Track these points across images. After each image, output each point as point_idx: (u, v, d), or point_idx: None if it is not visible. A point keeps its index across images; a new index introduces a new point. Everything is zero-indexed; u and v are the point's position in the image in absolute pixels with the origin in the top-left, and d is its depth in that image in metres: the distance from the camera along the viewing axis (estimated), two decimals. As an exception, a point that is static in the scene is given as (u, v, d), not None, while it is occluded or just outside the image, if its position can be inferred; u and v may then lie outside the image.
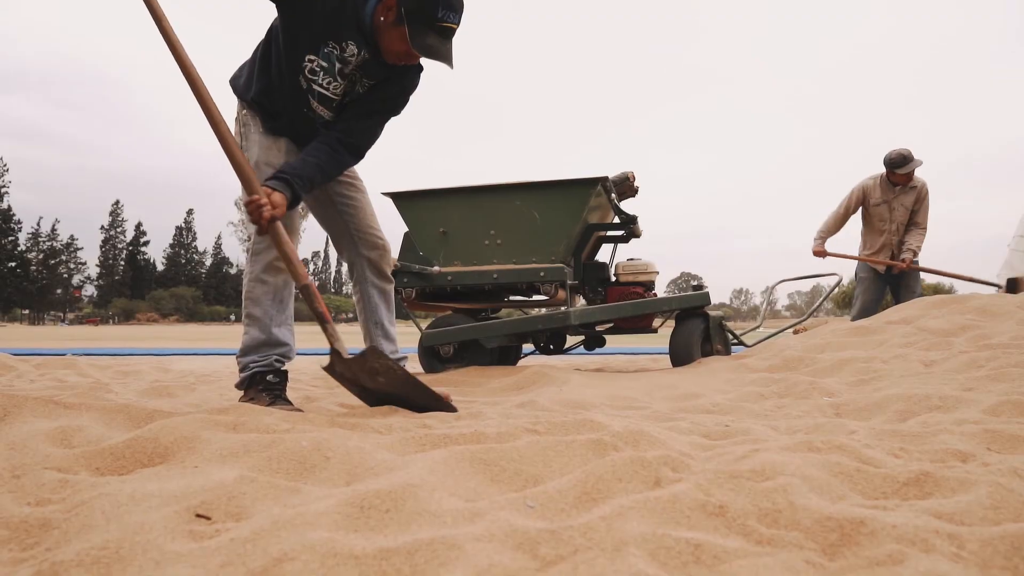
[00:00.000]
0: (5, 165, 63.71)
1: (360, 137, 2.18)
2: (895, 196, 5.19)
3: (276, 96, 2.14)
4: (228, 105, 2.15)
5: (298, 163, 2.05)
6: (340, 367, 1.92)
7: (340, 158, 2.14)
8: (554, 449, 1.27)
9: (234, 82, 2.25)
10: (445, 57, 1.96)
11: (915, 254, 5.19)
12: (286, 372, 2.17)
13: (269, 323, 2.12)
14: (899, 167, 5.06)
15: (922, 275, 5.40)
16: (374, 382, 1.92)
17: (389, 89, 2.18)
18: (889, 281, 5.37)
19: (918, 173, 5.18)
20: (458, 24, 1.99)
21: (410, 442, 1.40)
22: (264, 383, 2.09)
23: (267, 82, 2.14)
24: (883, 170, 5.21)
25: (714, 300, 3.85)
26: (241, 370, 2.14)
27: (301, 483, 1.12)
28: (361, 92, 2.16)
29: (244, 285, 2.17)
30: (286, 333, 2.16)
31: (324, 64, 2.07)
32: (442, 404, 1.93)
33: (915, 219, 5.20)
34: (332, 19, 2.01)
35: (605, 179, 3.73)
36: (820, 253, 5.47)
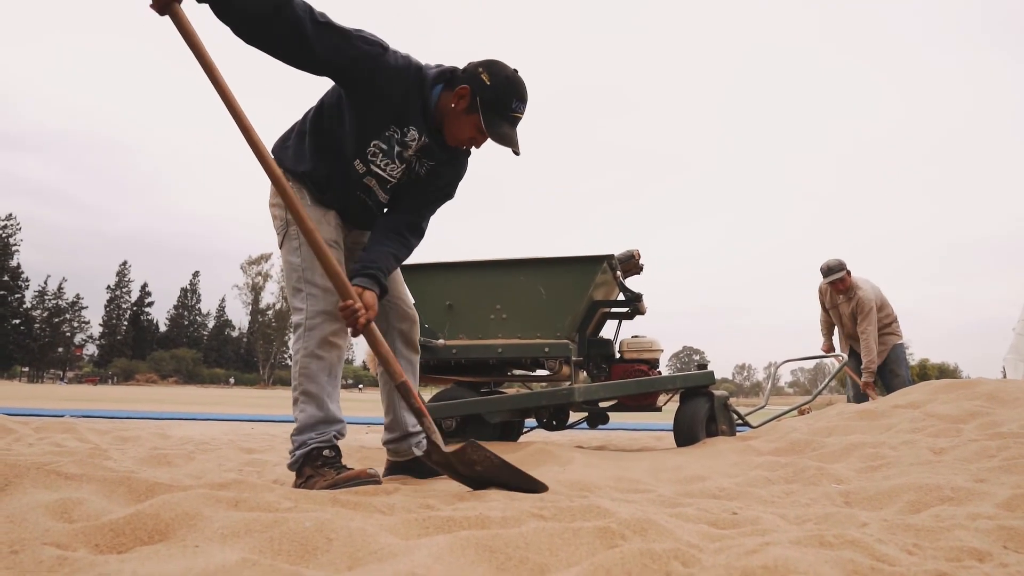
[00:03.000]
0: (18, 224, 64.78)
1: (424, 221, 2.26)
2: (837, 304, 5.40)
3: (331, 173, 2.15)
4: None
5: (375, 254, 2.10)
6: (437, 456, 1.94)
7: (407, 243, 2.21)
8: (561, 536, 1.24)
9: (279, 154, 2.22)
10: (515, 144, 2.06)
11: (871, 374, 5.34)
12: (338, 447, 2.12)
13: (326, 400, 2.08)
14: (824, 277, 5.31)
15: (919, 357, 5.51)
16: (471, 470, 1.93)
17: (445, 175, 2.24)
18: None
19: (874, 284, 5.40)
20: (524, 113, 2.09)
21: (413, 524, 1.37)
22: (321, 458, 2.03)
23: (322, 159, 2.15)
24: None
25: (716, 376, 3.83)
26: (296, 448, 2.06)
27: (303, 567, 1.10)
28: (420, 173, 2.20)
29: (296, 361, 2.10)
30: (338, 409, 2.13)
31: (384, 147, 2.11)
32: (536, 484, 1.93)
33: (857, 326, 5.34)
34: (399, 104, 2.06)
35: (611, 257, 3.78)
36: (827, 349, 5.90)
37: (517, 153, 2.07)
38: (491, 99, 2.02)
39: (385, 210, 2.29)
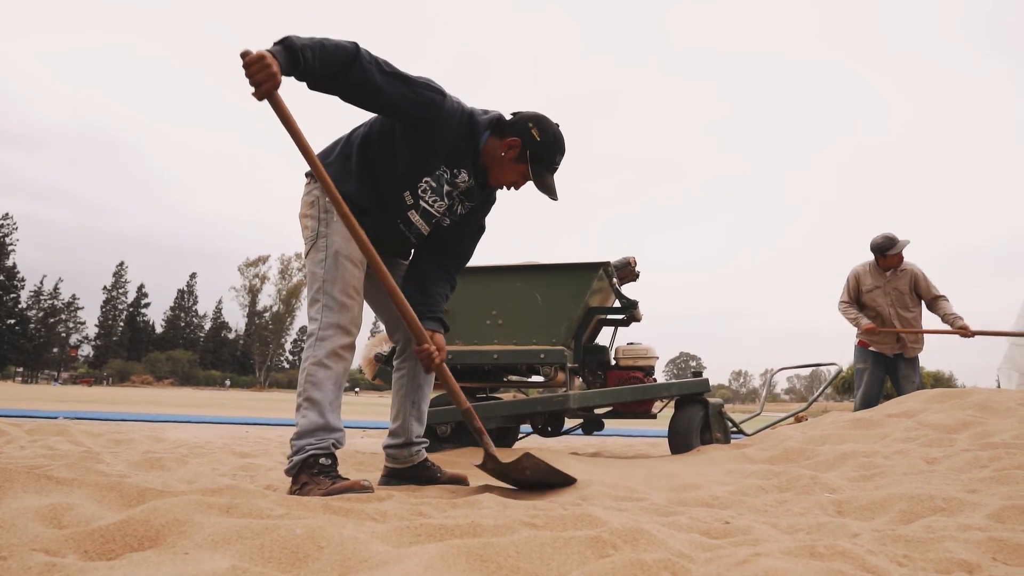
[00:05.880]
0: (14, 223, 64.63)
1: (467, 258, 2.50)
2: (887, 281, 5.24)
3: (375, 200, 2.25)
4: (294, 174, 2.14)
5: (435, 298, 2.33)
6: (492, 465, 2.26)
7: (453, 281, 2.46)
8: (552, 545, 1.24)
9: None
10: (555, 193, 2.29)
11: (960, 318, 5.10)
12: (335, 455, 2.15)
13: (327, 408, 2.13)
14: (888, 250, 5.13)
15: (921, 364, 5.38)
16: (521, 475, 2.26)
17: (484, 211, 2.47)
18: (888, 370, 5.36)
19: (907, 257, 5.25)
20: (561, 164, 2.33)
21: (405, 532, 1.37)
22: (318, 466, 2.07)
23: (367, 185, 2.25)
24: (871, 257, 5.28)
25: (712, 382, 3.83)
26: (295, 453, 2.10)
27: (294, 575, 1.10)
28: (460, 213, 2.38)
29: (304, 369, 2.16)
30: (339, 419, 2.18)
31: (434, 184, 2.26)
32: (569, 479, 2.32)
33: (933, 294, 5.20)
34: (453, 147, 2.24)
35: (607, 264, 3.78)
36: (870, 328, 5.19)
37: (555, 199, 2.30)
38: (539, 153, 2.25)
39: (424, 242, 2.41)
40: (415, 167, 2.23)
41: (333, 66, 1.98)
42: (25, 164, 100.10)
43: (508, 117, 2.33)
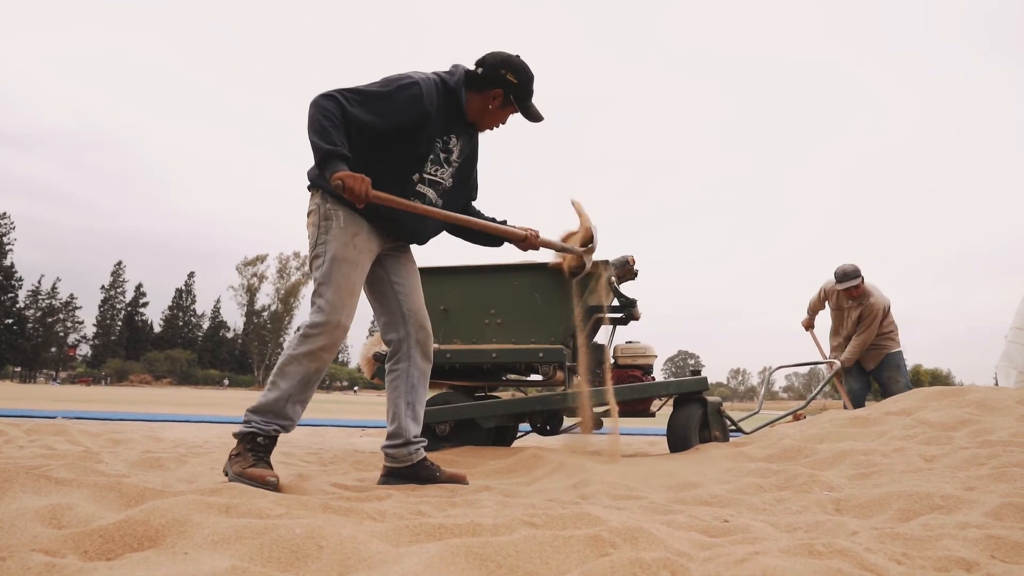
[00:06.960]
0: (12, 223, 64.47)
1: (478, 188, 2.76)
2: (846, 308, 5.38)
3: (389, 184, 2.35)
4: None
5: (489, 217, 2.69)
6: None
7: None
8: (551, 545, 1.25)
9: (319, 177, 2.34)
10: (540, 115, 2.52)
11: (841, 364, 5.41)
12: (276, 439, 2.29)
13: (287, 399, 2.27)
14: (838, 282, 5.30)
15: (913, 362, 5.46)
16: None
17: (474, 146, 2.64)
18: (871, 374, 5.47)
19: (884, 294, 5.37)
20: None
21: (404, 531, 1.38)
22: (253, 444, 2.23)
23: (378, 174, 2.32)
24: None
25: (711, 380, 3.83)
26: (244, 422, 2.29)
27: (293, 575, 1.10)
28: (457, 164, 2.54)
29: (283, 355, 2.32)
30: (297, 410, 2.31)
31: (433, 156, 2.43)
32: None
33: (862, 330, 5.34)
34: (441, 120, 2.40)
35: (605, 262, 3.78)
36: (807, 325, 5.82)
37: (543, 119, 2.51)
38: (521, 93, 2.45)
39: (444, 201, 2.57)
40: (416, 150, 2.37)
41: (325, 127, 2.17)
42: (24, 164, 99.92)
43: (472, 68, 2.48)
